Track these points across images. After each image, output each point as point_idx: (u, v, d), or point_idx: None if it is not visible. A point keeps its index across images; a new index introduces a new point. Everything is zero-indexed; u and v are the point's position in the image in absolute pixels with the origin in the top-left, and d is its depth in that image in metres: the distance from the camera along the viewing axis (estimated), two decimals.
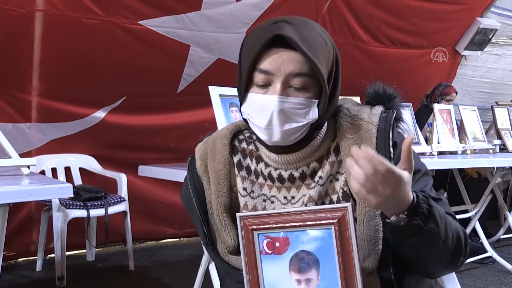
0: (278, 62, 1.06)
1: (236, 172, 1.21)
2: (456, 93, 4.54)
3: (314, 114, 1.09)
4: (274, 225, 1.02)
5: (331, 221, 0.97)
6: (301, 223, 1.00)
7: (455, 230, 1.07)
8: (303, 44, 1.04)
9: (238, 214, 1.05)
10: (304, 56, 1.04)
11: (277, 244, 1.02)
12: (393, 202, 0.96)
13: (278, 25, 1.07)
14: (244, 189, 1.20)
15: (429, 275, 1.16)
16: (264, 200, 1.19)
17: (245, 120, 1.15)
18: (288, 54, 1.06)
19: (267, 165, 1.19)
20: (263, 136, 1.11)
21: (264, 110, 1.08)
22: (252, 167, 1.21)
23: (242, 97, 1.13)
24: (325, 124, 1.17)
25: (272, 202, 1.18)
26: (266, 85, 1.08)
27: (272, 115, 1.07)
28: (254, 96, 1.10)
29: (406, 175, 0.95)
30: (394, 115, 1.17)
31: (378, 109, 1.18)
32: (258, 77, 1.08)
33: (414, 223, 0.98)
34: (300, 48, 1.04)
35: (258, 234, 1.03)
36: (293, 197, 1.17)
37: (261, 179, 1.20)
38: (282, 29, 1.05)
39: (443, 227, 1.02)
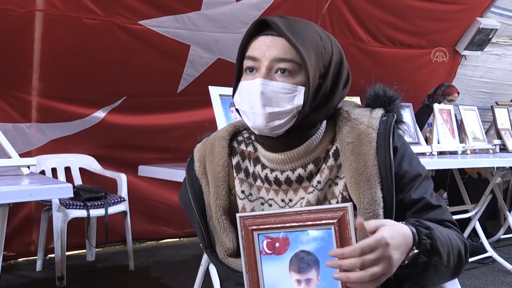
0: (264, 47, 1.08)
1: (235, 174, 1.20)
2: (458, 93, 4.53)
3: (299, 100, 1.08)
4: (274, 225, 1.01)
5: (331, 221, 0.97)
6: (301, 223, 1.00)
7: (457, 249, 1.08)
8: (288, 30, 1.06)
9: (238, 215, 1.05)
10: (288, 41, 1.06)
11: (277, 244, 1.02)
12: (399, 251, 0.95)
13: (270, 17, 1.09)
14: (242, 191, 1.19)
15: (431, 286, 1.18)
16: (262, 203, 1.18)
17: (237, 110, 1.16)
18: (274, 39, 1.07)
19: (264, 166, 1.18)
20: (249, 122, 1.11)
21: (249, 94, 1.09)
22: (250, 170, 1.20)
23: (235, 88, 1.14)
24: (323, 125, 1.17)
25: (270, 205, 1.18)
26: (253, 72, 1.10)
27: (255, 97, 1.07)
28: (243, 83, 1.11)
29: (384, 233, 0.93)
30: (395, 118, 1.17)
31: (378, 112, 1.17)
32: (246, 64, 1.10)
33: (419, 261, 0.99)
34: (283, 32, 1.06)
35: (258, 234, 1.03)
36: (290, 200, 1.16)
37: (258, 182, 1.19)
38: (271, 18, 1.08)
39: (445, 256, 1.03)
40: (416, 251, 0.98)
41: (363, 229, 0.93)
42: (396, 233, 0.95)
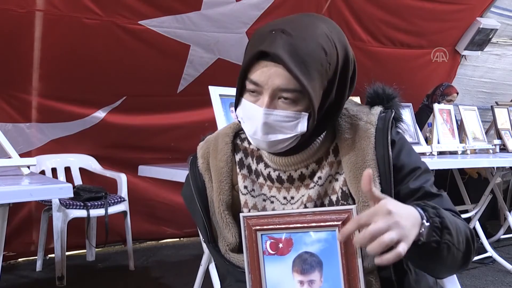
0: (267, 75, 1.05)
1: (238, 170, 1.22)
2: (457, 93, 4.54)
3: (302, 127, 1.07)
4: (277, 226, 1.01)
5: (335, 223, 0.97)
6: (305, 225, 0.99)
7: (464, 232, 1.07)
8: (291, 60, 1.02)
9: (241, 214, 1.05)
10: (290, 73, 1.02)
11: (281, 245, 1.02)
12: (407, 220, 0.93)
13: (273, 35, 1.04)
14: (245, 187, 1.20)
15: (440, 277, 1.16)
16: (264, 200, 1.19)
17: (239, 121, 1.16)
18: (276, 68, 1.04)
19: (266, 165, 1.19)
20: (252, 142, 1.13)
21: (252, 119, 1.08)
22: (253, 167, 1.21)
23: (238, 100, 1.13)
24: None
25: (272, 202, 1.19)
26: (256, 94, 1.08)
27: (257, 125, 1.07)
28: (246, 103, 1.10)
29: (385, 202, 0.92)
30: (393, 114, 1.17)
31: (377, 109, 1.18)
32: (249, 86, 1.08)
33: (431, 239, 0.97)
34: (287, 66, 1.02)
35: (262, 234, 1.03)
36: (292, 198, 1.17)
37: (261, 179, 1.20)
38: (273, 42, 1.03)
39: (455, 235, 1.02)
40: (427, 223, 0.95)
41: (368, 183, 0.92)
42: (399, 205, 0.94)
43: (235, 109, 1.15)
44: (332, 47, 1.07)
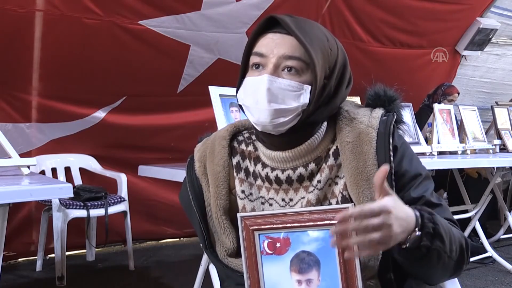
0: (272, 44, 1.09)
1: (235, 174, 1.21)
2: (459, 93, 4.53)
3: (305, 99, 1.08)
4: (275, 226, 1.02)
5: (332, 221, 0.97)
6: (302, 224, 1.00)
7: (458, 241, 1.08)
8: (297, 29, 1.07)
9: (239, 215, 1.05)
10: (297, 39, 1.06)
11: (278, 245, 1.02)
12: (400, 225, 0.95)
13: (279, 15, 1.10)
14: (243, 191, 1.19)
15: (432, 283, 1.17)
16: (263, 203, 1.18)
17: (240, 106, 1.16)
18: (283, 37, 1.08)
19: (264, 165, 1.18)
20: (253, 118, 1.11)
21: (255, 91, 1.09)
22: (251, 169, 1.20)
23: (239, 84, 1.15)
24: (324, 124, 1.17)
25: (271, 204, 1.18)
26: (260, 68, 1.10)
27: (261, 93, 1.08)
28: (248, 79, 1.12)
29: (388, 201, 0.94)
30: (395, 118, 1.16)
31: (379, 112, 1.17)
32: (253, 60, 1.11)
33: (421, 244, 0.98)
34: (292, 31, 1.07)
35: (259, 234, 1.03)
36: (291, 199, 1.16)
37: (259, 181, 1.19)
38: (280, 15, 1.09)
39: (448, 243, 1.03)
40: (418, 233, 0.98)
41: (382, 177, 0.94)
42: (399, 206, 0.96)
43: (236, 93, 1.16)
44: (332, 39, 1.14)
